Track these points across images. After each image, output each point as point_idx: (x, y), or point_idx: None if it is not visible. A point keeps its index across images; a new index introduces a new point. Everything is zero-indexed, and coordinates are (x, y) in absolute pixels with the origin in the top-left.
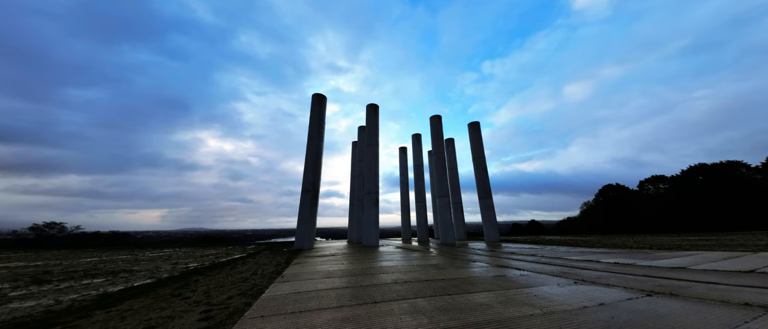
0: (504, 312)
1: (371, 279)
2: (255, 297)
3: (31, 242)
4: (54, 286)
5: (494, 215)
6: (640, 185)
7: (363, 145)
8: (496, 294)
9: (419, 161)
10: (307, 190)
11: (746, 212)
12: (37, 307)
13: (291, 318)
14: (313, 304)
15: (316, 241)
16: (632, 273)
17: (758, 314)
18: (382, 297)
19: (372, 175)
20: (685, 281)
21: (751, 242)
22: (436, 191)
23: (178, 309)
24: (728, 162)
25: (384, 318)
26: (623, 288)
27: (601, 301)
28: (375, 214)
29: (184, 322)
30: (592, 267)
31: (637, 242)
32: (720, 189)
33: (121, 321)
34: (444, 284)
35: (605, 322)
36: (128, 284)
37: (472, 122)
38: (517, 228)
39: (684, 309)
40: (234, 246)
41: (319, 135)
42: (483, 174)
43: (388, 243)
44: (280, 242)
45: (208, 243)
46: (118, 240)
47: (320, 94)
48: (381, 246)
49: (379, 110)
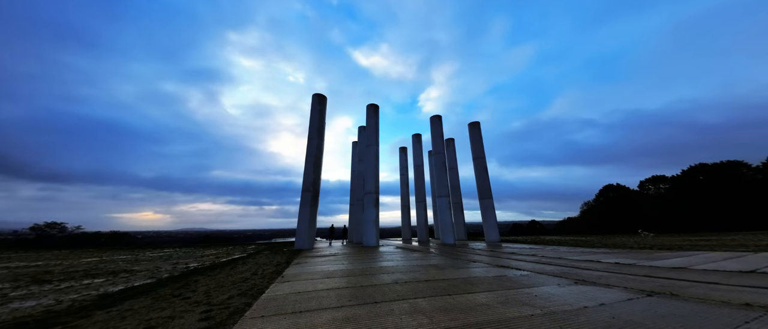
0: (504, 313)
1: (371, 279)
2: (255, 297)
3: (32, 243)
4: (54, 286)
5: (494, 216)
6: (640, 185)
7: (363, 145)
8: (496, 294)
9: (419, 161)
10: (307, 190)
11: (747, 212)
12: (38, 307)
13: (291, 318)
14: (314, 304)
15: (316, 241)
16: (633, 274)
17: (759, 314)
18: (382, 297)
19: (372, 175)
20: (686, 281)
21: (752, 242)
22: (436, 191)
23: (179, 309)
24: (728, 162)
25: (384, 318)
26: (624, 289)
27: (601, 301)
28: (375, 214)
29: (185, 322)
30: (592, 267)
31: (637, 242)
32: (720, 189)
33: (121, 321)
34: (444, 284)
35: (606, 322)
36: (128, 284)
37: (472, 122)
38: (517, 228)
39: (684, 310)
40: (234, 246)
41: (320, 135)
42: (483, 174)
43: (388, 243)
44: (280, 243)
45: (209, 243)
46: (118, 240)
47: (320, 94)
48: (381, 246)
49: (379, 110)
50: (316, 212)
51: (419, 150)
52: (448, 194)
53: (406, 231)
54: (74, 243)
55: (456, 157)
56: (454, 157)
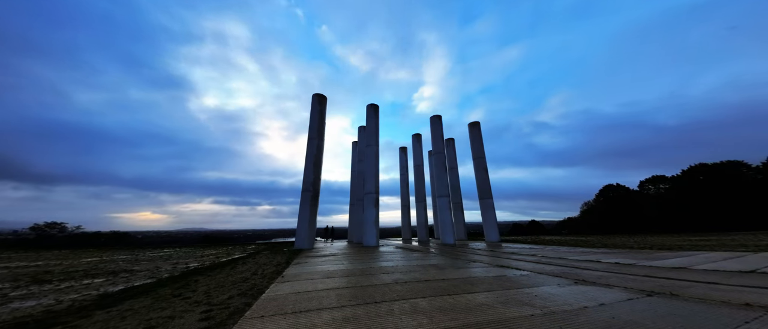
0: (504, 312)
1: (371, 279)
2: (255, 297)
3: (32, 242)
4: (54, 286)
5: (494, 216)
6: (640, 185)
7: (363, 145)
8: (496, 294)
9: (419, 161)
10: (307, 190)
11: (747, 212)
12: (38, 307)
13: (291, 318)
14: (314, 304)
15: (316, 241)
16: (633, 274)
17: (759, 314)
18: (382, 297)
19: (372, 175)
20: (686, 281)
21: (752, 242)
22: (436, 191)
23: (179, 309)
24: (728, 162)
25: (384, 318)
26: (624, 289)
27: (601, 301)
28: (375, 214)
29: (185, 322)
30: (592, 267)
31: (637, 242)
32: (720, 189)
33: (121, 321)
34: (444, 284)
35: (606, 322)
36: (129, 284)
37: (472, 122)
38: (517, 228)
39: (684, 310)
40: (234, 246)
41: (320, 135)
42: (483, 174)
43: (388, 243)
44: (280, 243)
45: (209, 243)
46: (118, 240)
47: (320, 94)
48: (381, 246)
49: (379, 110)
50: (316, 212)
51: (419, 150)
52: (448, 194)
53: (406, 231)
54: (74, 243)
55: (456, 157)
56: (454, 157)
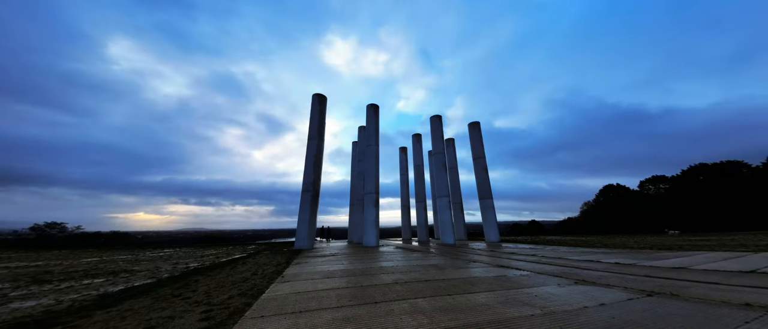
0: (504, 313)
1: (371, 279)
2: (255, 297)
3: (32, 243)
4: (54, 286)
5: (494, 216)
6: (640, 185)
7: (363, 145)
8: (496, 294)
9: (419, 161)
10: (307, 190)
11: (747, 212)
12: (38, 307)
13: (291, 318)
14: (314, 304)
15: (316, 241)
16: (633, 274)
17: (759, 314)
18: (382, 298)
19: (372, 175)
20: (686, 281)
21: (752, 242)
22: (436, 191)
23: (179, 309)
24: (728, 162)
25: (384, 318)
26: (624, 289)
27: (601, 301)
28: (375, 214)
29: (185, 322)
30: (592, 267)
31: (637, 242)
32: (720, 189)
33: (121, 321)
34: (444, 284)
35: (606, 322)
36: (129, 284)
37: (472, 122)
38: (517, 228)
39: (684, 310)
40: (234, 246)
41: (320, 135)
42: (483, 174)
43: (388, 243)
44: (280, 243)
45: (209, 243)
46: (118, 240)
47: (320, 94)
48: (381, 246)
49: (379, 110)
50: (316, 213)
51: (419, 150)
52: (448, 194)
53: (406, 231)
54: (74, 243)
55: (456, 157)
56: (454, 157)
